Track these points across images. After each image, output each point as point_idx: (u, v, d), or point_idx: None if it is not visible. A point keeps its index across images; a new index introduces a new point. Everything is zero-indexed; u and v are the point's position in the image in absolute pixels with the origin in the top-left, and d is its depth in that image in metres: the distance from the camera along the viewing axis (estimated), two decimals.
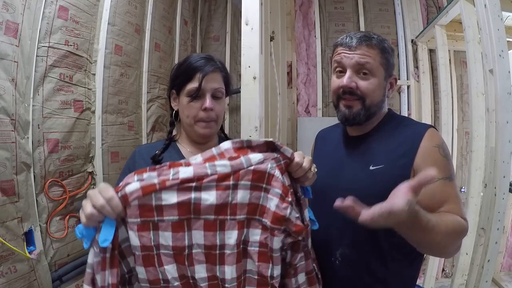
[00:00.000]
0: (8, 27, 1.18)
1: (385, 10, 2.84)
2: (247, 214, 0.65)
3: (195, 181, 0.61)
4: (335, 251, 0.87)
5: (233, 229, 0.64)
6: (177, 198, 0.60)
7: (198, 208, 0.62)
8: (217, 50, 2.87)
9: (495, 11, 1.42)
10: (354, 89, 0.86)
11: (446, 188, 0.78)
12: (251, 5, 1.31)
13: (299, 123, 2.67)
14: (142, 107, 2.02)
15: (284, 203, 0.66)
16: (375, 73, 0.86)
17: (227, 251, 0.64)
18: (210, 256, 0.64)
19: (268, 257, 0.66)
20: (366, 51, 0.85)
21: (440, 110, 2.36)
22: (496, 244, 1.44)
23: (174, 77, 0.93)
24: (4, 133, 1.15)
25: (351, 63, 0.86)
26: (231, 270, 0.64)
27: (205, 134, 0.91)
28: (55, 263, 1.37)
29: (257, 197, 0.66)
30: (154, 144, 1.00)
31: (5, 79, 1.16)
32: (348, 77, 0.85)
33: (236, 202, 0.64)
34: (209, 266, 0.64)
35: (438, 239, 0.67)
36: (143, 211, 0.59)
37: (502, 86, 1.40)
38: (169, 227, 0.61)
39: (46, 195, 1.34)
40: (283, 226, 0.66)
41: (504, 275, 2.49)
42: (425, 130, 0.83)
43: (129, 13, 1.85)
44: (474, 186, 1.75)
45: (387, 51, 0.88)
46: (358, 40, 0.86)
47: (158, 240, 0.61)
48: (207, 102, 0.87)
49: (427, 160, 0.79)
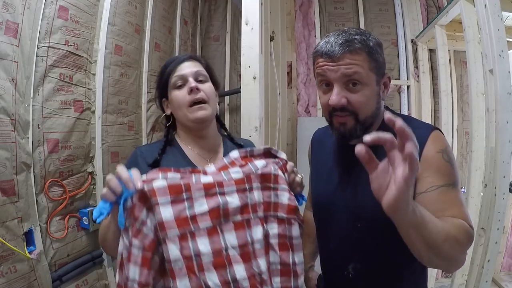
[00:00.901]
0: (8, 27, 1.18)
1: (385, 10, 2.84)
2: (263, 211, 0.74)
3: (217, 186, 0.68)
4: (347, 265, 0.85)
5: (257, 225, 0.72)
6: (207, 205, 0.66)
7: (227, 211, 0.68)
8: (217, 50, 2.87)
9: (495, 11, 1.42)
10: (345, 105, 0.76)
11: (449, 195, 0.71)
12: (251, 5, 1.31)
13: (299, 123, 2.67)
14: (142, 107, 2.02)
15: (291, 196, 0.77)
16: (366, 82, 0.76)
17: (257, 245, 0.71)
18: (245, 255, 0.69)
19: (287, 246, 0.75)
20: (351, 59, 0.74)
21: (440, 110, 2.36)
22: (496, 244, 1.44)
23: (158, 85, 0.95)
24: (4, 133, 1.15)
25: (336, 77, 0.75)
26: (264, 262, 0.70)
27: (202, 118, 0.88)
28: (55, 263, 1.37)
29: (268, 195, 0.75)
30: (154, 144, 0.99)
31: (5, 79, 1.16)
32: (336, 93, 0.76)
33: (254, 202, 0.72)
34: (246, 265, 0.68)
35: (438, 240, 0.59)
36: (179, 222, 0.63)
37: (502, 86, 1.40)
38: (205, 233, 0.65)
39: (46, 195, 1.34)
40: (296, 215, 0.76)
41: (504, 275, 2.49)
42: (428, 134, 0.77)
43: (129, 13, 1.85)
44: (474, 186, 1.75)
45: (375, 51, 0.77)
46: (340, 47, 0.74)
47: (197, 248, 0.64)
48: (192, 83, 0.87)
49: (428, 166, 0.73)
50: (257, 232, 0.71)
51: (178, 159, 0.89)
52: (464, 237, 0.64)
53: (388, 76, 0.83)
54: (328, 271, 0.96)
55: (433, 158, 0.74)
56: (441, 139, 0.78)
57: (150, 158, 0.87)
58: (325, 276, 0.99)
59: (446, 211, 0.69)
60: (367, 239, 0.81)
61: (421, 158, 0.74)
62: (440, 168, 0.74)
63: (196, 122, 0.89)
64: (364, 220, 0.81)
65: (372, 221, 0.78)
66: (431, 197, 0.70)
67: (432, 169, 0.73)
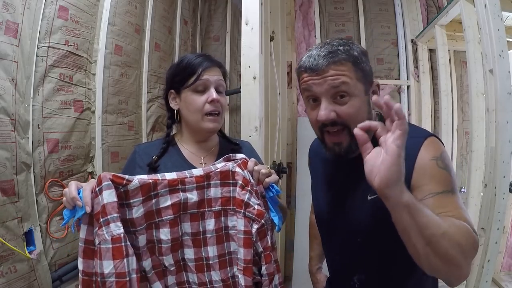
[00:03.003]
0: (8, 27, 1.18)
1: (385, 10, 2.84)
2: (222, 205, 0.82)
3: (179, 183, 0.78)
4: (353, 277, 0.85)
5: (210, 218, 0.81)
6: (170, 200, 0.76)
7: (186, 206, 0.79)
8: (217, 50, 2.87)
9: (495, 11, 1.42)
10: (335, 119, 0.74)
11: (448, 200, 0.68)
12: (251, 5, 1.31)
13: (299, 123, 2.67)
14: (142, 107, 2.02)
15: (243, 190, 0.82)
16: (354, 92, 0.73)
17: (208, 235, 0.81)
18: (196, 241, 0.80)
19: (231, 237, 0.83)
20: (336, 70, 0.72)
21: (440, 110, 2.36)
22: (496, 244, 1.44)
23: (173, 76, 0.92)
24: (4, 133, 1.15)
25: (323, 90, 0.73)
26: (212, 250, 0.81)
27: (212, 129, 0.91)
28: (55, 263, 1.37)
29: (227, 191, 0.83)
30: (153, 142, 1.00)
31: (5, 79, 1.16)
32: (324, 108, 0.73)
33: (210, 197, 0.82)
34: (195, 250, 0.80)
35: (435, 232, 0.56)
36: (147, 216, 0.74)
37: (502, 86, 1.40)
38: (167, 224, 0.76)
39: (46, 195, 1.34)
40: (243, 210, 0.81)
41: (504, 275, 2.48)
42: (421, 142, 0.74)
43: (129, 13, 1.85)
44: (474, 186, 1.75)
45: (360, 60, 0.75)
46: (323, 59, 0.72)
47: (159, 236, 0.76)
48: (213, 94, 0.88)
49: (423, 175, 0.71)
50: (209, 224, 0.81)
51: (175, 159, 0.92)
52: (467, 241, 0.59)
53: (377, 84, 0.80)
54: (335, 281, 0.97)
55: (427, 166, 0.71)
56: (435, 145, 0.75)
57: (148, 157, 0.90)
58: (332, 285, 1.00)
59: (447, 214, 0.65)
60: (368, 253, 0.81)
61: (414, 167, 0.72)
62: (435, 175, 0.70)
63: (207, 132, 0.91)
64: (363, 235, 0.80)
65: (371, 235, 0.78)
66: (429, 203, 0.66)
67: (427, 177, 0.70)
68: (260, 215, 0.80)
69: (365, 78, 0.76)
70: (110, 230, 0.66)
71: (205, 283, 0.80)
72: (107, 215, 0.66)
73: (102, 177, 0.68)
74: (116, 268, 0.65)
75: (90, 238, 0.68)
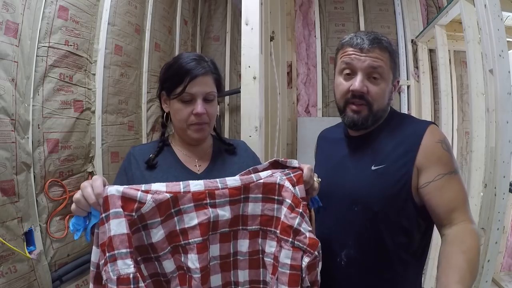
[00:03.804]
0: (8, 27, 1.18)
1: (385, 10, 2.84)
2: (261, 225, 0.68)
3: (208, 197, 0.63)
4: (340, 252, 0.87)
5: (244, 238, 0.68)
6: (197, 220, 0.63)
7: (216, 225, 0.65)
8: (217, 50, 2.87)
9: (495, 11, 1.42)
10: (365, 94, 0.83)
11: (454, 182, 0.79)
12: (251, 5, 1.31)
13: (299, 123, 2.67)
14: (142, 107, 2.02)
15: (293, 213, 0.66)
16: (385, 78, 0.84)
17: (239, 257, 0.68)
18: (225, 265, 0.67)
19: (277, 268, 0.67)
20: (379, 54, 0.82)
21: (440, 110, 2.36)
22: (496, 244, 1.43)
23: (164, 79, 0.91)
24: (4, 133, 1.15)
25: (363, 66, 0.82)
26: (243, 274, 0.68)
27: (198, 138, 0.90)
28: (55, 263, 1.37)
29: (270, 209, 0.68)
30: (149, 144, 1.00)
31: (5, 79, 1.16)
32: (360, 80, 0.82)
33: (247, 214, 0.68)
34: (223, 274, 0.67)
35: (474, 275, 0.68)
36: (170, 238, 0.62)
37: (502, 86, 1.40)
38: (194, 249, 0.63)
39: (46, 195, 1.34)
40: (291, 238, 0.66)
41: (504, 275, 2.48)
42: (426, 127, 0.83)
43: (129, 13, 1.85)
44: (474, 186, 1.75)
45: (395, 54, 0.87)
46: (370, 42, 0.82)
47: (187, 263, 0.63)
48: (198, 107, 0.84)
49: (431, 157, 0.80)
50: (242, 244, 0.68)
51: (169, 160, 0.91)
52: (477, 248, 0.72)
53: (398, 80, 0.91)
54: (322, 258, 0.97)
55: (434, 148, 0.80)
56: (438, 131, 0.84)
57: (145, 156, 0.89)
58: None
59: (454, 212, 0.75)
60: (362, 223, 0.84)
61: (420, 148, 0.80)
62: (441, 157, 0.80)
63: (192, 140, 0.91)
64: (361, 203, 0.84)
65: (368, 204, 0.83)
66: (440, 185, 0.77)
67: (435, 158, 0.79)
68: (313, 246, 0.66)
69: (395, 70, 0.88)
70: (117, 269, 0.55)
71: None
72: (114, 249, 0.56)
73: (110, 202, 0.57)
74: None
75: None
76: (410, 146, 0.81)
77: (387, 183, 0.81)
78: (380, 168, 0.83)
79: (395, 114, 0.95)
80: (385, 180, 0.81)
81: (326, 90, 2.81)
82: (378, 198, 0.81)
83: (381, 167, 0.83)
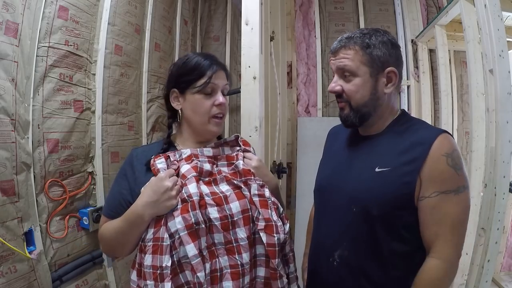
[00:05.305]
0: (8, 27, 1.18)
1: (385, 10, 2.84)
2: (237, 178, 0.89)
3: (193, 157, 0.87)
4: (334, 252, 0.86)
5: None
6: (190, 165, 0.86)
7: (201, 171, 0.85)
8: (217, 50, 2.87)
9: (495, 11, 1.41)
10: (340, 92, 0.89)
11: (447, 203, 0.77)
12: (251, 5, 1.31)
13: (299, 123, 2.67)
14: (142, 107, 2.02)
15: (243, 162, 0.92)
16: (358, 73, 0.86)
17: (227, 193, 0.84)
18: (217, 199, 0.83)
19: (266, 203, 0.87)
20: (343, 53, 0.87)
21: (440, 110, 2.36)
22: (496, 244, 1.43)
23: (179, 75, 0.91)
24: (4, 133, 1.15)
25: (334, 69, 0.90)
26: (235, 206, 0.83)
27: (217, 132, 0.93)
28: (55, 263, 1.37)
29: (232, 169, 0.90)
30: (151, 146, 0.99)
31: (5, 79, 1.16)
32: (333, 81, 0.90)
33: (219, 170, 0.90)
34: (219, 208, 0.82)
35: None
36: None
37: (502, 86, 1.40)
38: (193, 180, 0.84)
39: (46, 195, 1.34)
40: (251, 176, 0.88)
41: (504, 275, 2.48)
42: (435, 136, 0.80)
43: (129, 13, 1.85)
44: (474, 186, 1.75)
45: (371, 46, 0.85)
46: (337, 44, 0.89)
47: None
48: (220, 98, 0.90)
49: (433, 171, 0.77)
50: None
51: None
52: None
53: (392, 70, 0.87)
54: (314, 259, 0.97)
55: (438, 161, 0.78)
56: (448, 142, 0.80)
57: (147, 159, 0.88)
58: (310, 265, 1.00)
59: (435, 240, 0.76)
60: (359, 225, 0.83)
61: (427, 158, 0.78)
62: (443, 172, 0.77)
63: (211, 134, 0.93)
64: (360, 204, 0.83)
65: (367, 205, 0.82)
66: (433, 203, 0.77)
67: (436, 173, 0.77)
68: (248, 173, 0.90)
69: (372, 62, 0.85)
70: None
71: (230, 241, 0.81)
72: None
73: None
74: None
75: (157, 236, 0.78)
76: (418, 155, 0.79)
77: (389, 188, 0.80)
78: (384, 170, 0.82)
79: (408, 117, 0.93)
80: (388, 184, 0.80)
81: (326, 90, 2.80)
82: (378, 202, 0.80)
83: (386, 169, 0.82)
